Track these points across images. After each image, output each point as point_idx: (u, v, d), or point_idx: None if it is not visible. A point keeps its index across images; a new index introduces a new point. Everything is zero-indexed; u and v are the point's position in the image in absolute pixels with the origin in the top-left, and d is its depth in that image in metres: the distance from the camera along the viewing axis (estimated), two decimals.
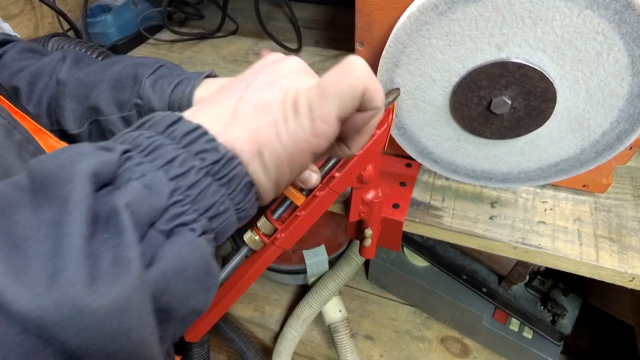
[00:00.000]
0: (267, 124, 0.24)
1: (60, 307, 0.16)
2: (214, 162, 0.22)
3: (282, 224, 0.37)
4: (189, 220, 0.21)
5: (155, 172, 0.21)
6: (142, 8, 0.80)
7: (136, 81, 0.39)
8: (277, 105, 0.24)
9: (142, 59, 0.42)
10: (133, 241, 0.18)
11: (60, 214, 0.18)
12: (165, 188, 0.21)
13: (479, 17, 0.32)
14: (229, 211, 0.23)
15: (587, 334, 0.87)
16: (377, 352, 0.88)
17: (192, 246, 0.21)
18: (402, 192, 0.48)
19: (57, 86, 0.40)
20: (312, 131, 0.24)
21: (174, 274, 0.20)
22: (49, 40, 0.45)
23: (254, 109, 0.24)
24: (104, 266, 0.17)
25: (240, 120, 0.24)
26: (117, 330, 0.17)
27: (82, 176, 0.19)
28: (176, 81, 0.38)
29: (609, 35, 0.30)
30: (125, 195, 0.19)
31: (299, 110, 0.24)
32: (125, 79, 0.39)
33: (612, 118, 0.35)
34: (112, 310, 0.17)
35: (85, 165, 0.19)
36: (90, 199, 0.19)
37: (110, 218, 0.19)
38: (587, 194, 0.47)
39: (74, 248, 0.17)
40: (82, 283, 0.17)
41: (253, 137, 0.24)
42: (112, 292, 0.17)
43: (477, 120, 0.38)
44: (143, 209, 0.20)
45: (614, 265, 0.40)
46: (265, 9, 0.87)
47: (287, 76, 0.26)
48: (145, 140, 0.22)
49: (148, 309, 0.19)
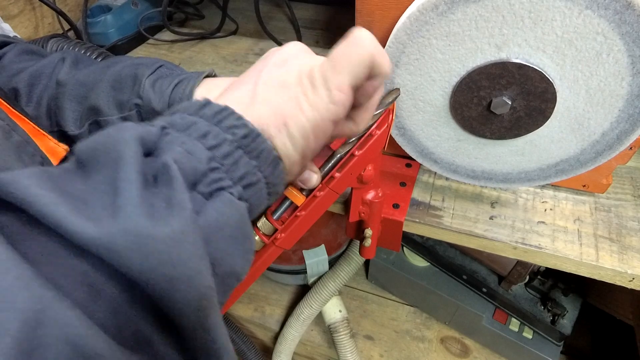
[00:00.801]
0: (287, 99, 0.26)
1: (127, 234, 0.17)
2: (244, 136, 0.24)
3: (282, 224, 0.37)
4: (226, 185, 0.23)
5: (194, 141, 0.22)
6: (142, 8, 0.80)
7: (136, 81, 0.39)
8: (294, 82, 0.26)
9: (141, 59, 0.42)
10: (183, 188, 0.20)
11: (115, 171, 0.19)
12: (204, 155, 0.22)
13: (479, 18, 0.32)
14: (260, 183, 0.25)
15: (587, 334, 0.87)
16: (377, 352, 0.88)
17: (231, 206, 0.22)
18: (402, 192, 0.48)
19: (56, 87, 0.40)
20: (330, 99, 0.26)
21: (217, 227, 0.21)
22: (48, 41, 0.45)
23: (271, 88, 0.26)
24: (159, 207, 0.19)
25: (260, 100, 0.26)
26: (177, 258, 0.18)
27: (131, 139, 0.20)
28: (176, 81, 0.38)
29: (609, 35, 0.30)
30: (172, 155, 0.21)
31: (316, 83, 0.26)
32: (124, 79, 0.39)
33: (612, 118, 0.35)
34: (172, 239, 0.18)
35: (132, 132, 0.21)
36: (141, 156, 0.20)
37: (160, 172, 0.20)
38: (587, 194, 0.47)
39: (132, 193, 0.19)
40: (144, 216, 0.18)
41: (277, 112, 0.25)
42: (171, 224, 0.18)
43: (477, 120, 0.38)
44: (188, 168, 0.21)
45: (614, 265, 0.40)
46: (265, 9, 0.87)
47: (294, 58, 0.28)
48: (179, 120, 0.23)
49: (201, 245, 0.20)
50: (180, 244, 0.19)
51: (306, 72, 0.27)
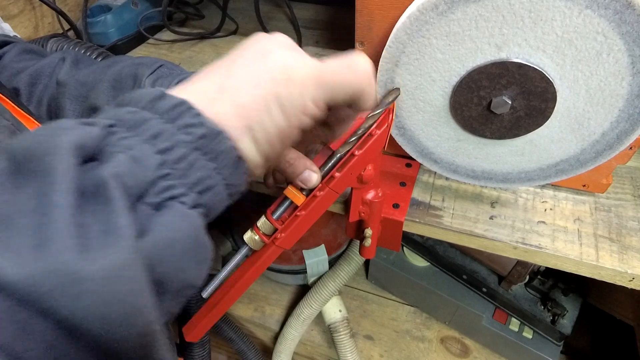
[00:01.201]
0: (256, 99, 0.24)
1: (51, 274, 0.15)
2: (201, 136, 0.22)
3: (282, 224, 0.37)
4: (178, 193, 0.21)
5: (141, 145, 0.20)
6: (142, 8, 0.80)
7: (136, 81, 0.39)
8: (267, 81, 0.24)
9: (142, 59, 0.42)
10: (123, 210, 0.18)
11: (44, 187, 0.17)
12: (152, 161, 0.20)
13: (479, 17, 0.32)
14: (218, 186, 0.23)
15: (587, 334, 0.87)
16: (377, 352, 0.88)
17: (182, 218, 0.20)
18: (402, 192, 0.48)
19: (56, 87, 0.40)
20: (303, 110, 0.24)
21: (165, 245, 0.19)
22: (48, 40, 0.45)
23: (242, 84, 0.24)
24: (94, 235, 0.17)
25: (227, 95, 0.23)
26: (113, 297, 0.16)
27: (65, 148, 0.18)
28: (176, 81, 0.38)
29: (609, 35, 0.30)
30: (112, 166, 0.19)
31: (291, 88, 0.24)
32: (125, 79, 0.39)
33: (612, 118, 0.35)
34: (106, 276, 0.16)
35: (68, 138, 0.18)
36: (75, 171, 0.18)
37: (98, 189, 0.18)
38: (587, 194, 0.47)
39: (62, 218, 0.16)
40: (73, 250, 0.16)
41: (242, 113, 0.23)
42: (105, 258, 0.16)
43: (477, 120, 0.38)
44: (131, 180, 0.19)
45: (614, 265, 0.40)
46: (265, 9, 0.87)
47: (275, 51, 0.26)
48: (128, 115, 0.21)
49: (142, 277, 0.18)
50: (115, 281, 0.17)
51: (282, 71, 0.24)
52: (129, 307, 0.17)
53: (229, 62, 0.26)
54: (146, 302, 0.18)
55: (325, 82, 0.24)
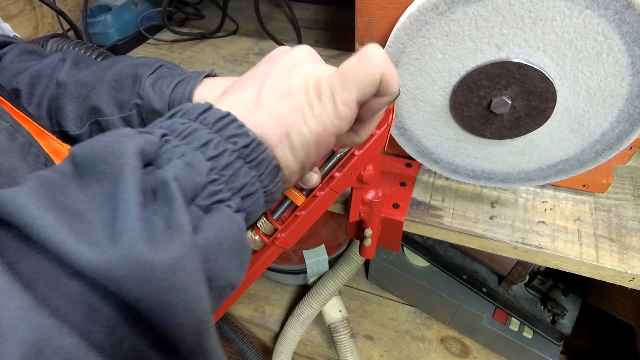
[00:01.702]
0: (292, 109, 0.25)
1: (126, 261, 0.17)
2: (245, 145, 0.23)
3: (282, 224, 0.37)
4: (224, 197, 0.22)
5: (194, 152, 0.22)
6: (142, 8, 0.80)
7: (136, 81, 0.39)
8: (300, 91, 0.26)
9: (141, 59, 0.42)
10: (183, 208, 0.20)
11: (114, 186, 0.19)
12: (204, 167, 0.22)
13: (479, 17, 0.32)
14: (258, 192, 0.24)
15: (587, 334, 0.87)
16: (377, 352, 0.88)
17: (229, 220, 0.22)
18: (402, 192, 0.48)
19: (57, 87, 0.40)
20: (335, 114, 0.26)
21: (214, 244, 0.21)
22: (48, 41, 0.45)
23: (277, 95, 0.26)
24: (159, 229, 0.19)
25: (264, 106, 0.25)
26: (176, 284, 0.18)
27: (132, 152, 0.20)
28: (176, 81, 0.38)
29: (609, 35, 0.30)
30: (172, 170, 0.21)
31: (322, 95, 0.26)
32: (125, 79, 0.39)
33: (612, 118, 0.35)
34: (171, 265, 0.18)
35: (133, 143, 0.20)
36: (141, 172, 0.20)
37: (160, 189, 0.20)
38: (587, 194, 0.47)
39: (132, 213, 0.18)
40: (143, 242, 0.18)
41: (280, 122, 0.25)
42: (170, 249, 0.18)
43: (477, 120, 0.38)
44: (187, 183, 0.21)
45: (614, 265, 0.40)
46: (265, 9, 0.87)
47: (302, 64, 0.27)
48: (180, 126, 0.23)
49: (200, 268, 0.20)
50: (179, 271, 0.18)
51: (313, 82, 0.26)
52: (189, 295, 0.19)
53: (261, 74, 0.27)
54: (203, 293, 0.20)
55: (349, 81, 0.25)
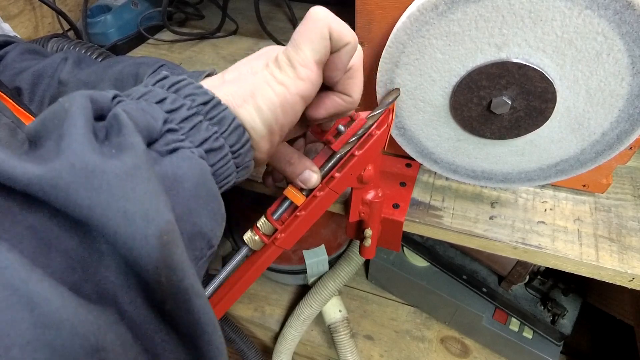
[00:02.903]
0: (256, 82, 0.26)
1: (73, 168, 0.16)
2: (203, 103, 0.23)
3: (282, 224, 0.37)
4: (185, 145, 0.22)
5: (149, 104, 0.22)
6: (142, 8, 0.80)
7: (137, 80, 0.39)
8: (262, 69, 0.27)
9: (143, 59, 0.42)
10: (134, 132, 0.19)
11: (62, 120, 0.18)
12: (160, 115, 0.22)
13: (478, 17, 0.32)
14: (224, 149, 0.24)
15: (587, 334, 0.87)
16: (377, 352, 0.88)
17: (190, 161, 0.22)
18: (402, 192, 0.48)
19: (58, 86, 0.41)
20: (296, 75, 0.26)
21: (173, 179, 0.20)
22: (49, 41, 0.45)
23: (239, 74, 0.27)
24: (109, 145, 0.18)
25: (228, 83, 0.26)
26: (131, 192, 0.17)
27: (80, 97, 0.19)
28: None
29: (609, 35, 0.30)
30: (123, 106, 0.20)
31: (281, 64, 0.27)
32: (126, 79, 0.39)
33: (612, 118, 0.35)
34: (124, 172, 0.17)
35: (82, 93, 0.20)
36: (90, 110, 0.19)
37: (111, 122, 0.19)
38: (587, 194, 0.47)
39: (78, 133, 0.18)
40: (92, 152, 0.17)
41: (244, 87, 0.26)
42: (122, 159, 0.17)
43: (477, 120, 0.38)
44: (140, 120, 0.20)
45: (614, 265, 0.40)
46: (265, 9, 0.87)
47: (268, 51, 0.29)
48: (135, 90, 0.23)
49: (157, 184, 0.19)
50: (133, 178, 0.17)
51: (272, 57, 0.28)
52: (147, 204, 0.17)
53: (232, 66, 0.29)
54: (163, 204, 0.18)
55: (300, 43, 0.26)
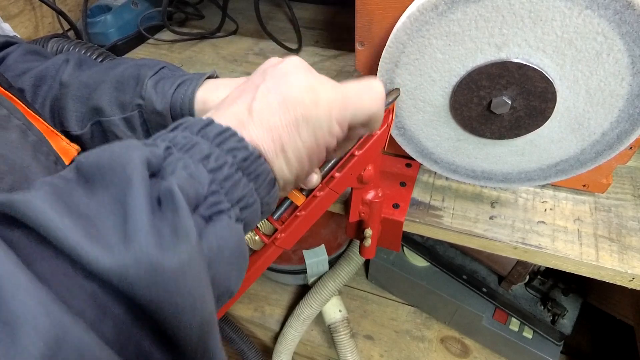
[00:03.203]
0: (286, 123, 0.26)
1: (138, 264, 0.18)
2: (244, 159, 0.24)
3: (282, 224, 0.37)
4: (225, 208, 0.23)
5: (196, 164, 0.23)
6: (142, 8, 0.80)
7: (138, 82, 0.39)
8: (296, 103, 0.26)
9: (144, 61, 0.42)
10: (188, 215, 0.21)
11: (123, 193, 0.20)
12: (205, 178, 0.23)
13: (478, 17, 0.32)
14: (256, 204, 0.25)
15: (587, 334, 0.87)
16: (377, 352, 0.88)
17: (229, 229, 0.23)
18: (402, 192, 0.48)
19: (60, 88, 0.41)
20: (329, 130, 0.27)
21: (216, 251, 0.22)
22: (49, 41, 0.45)
23: (268, 107, 0.26)
24: (167, 235, 0.20)
25: (256, 118, 0.26)
26: (184, 287, 0.19)
27: (138, 161, 0.21)
28: (178, 82, 0.38)
29: (609, 35, 0.30)
30: (176, 180, 0.22)
31: (320, 111, 0.26)
32: (127, 80, 0.40)
33: (612, 118, 0.35)
34: (179, 268, 0.19)
35: (139, 153, 0.21)
36: (148, 181, 0.21)
37: (166, 198, 0.21)
38: (587, 194, 0.47)
39: (142, 218, 0.19)
40: (154, 245, 0.19)
41: (275, 137, 0.26)
42: (178, 253, 0.19)
43: (477, 120, 0.38)
44: (190, 192, 0.22)
45: (614, 265, 0.40)
46: (265, 9, 0.87)
47: (291, 74, 0.28)
48: (182, 139, 0.24)
49: (205, 272, 0.21)
50: (186, 274, 0.19)
51: (311, 95, 0.26)
52: (195, 297, 0.20)
53: (252, 85, 0.28)
54: (208, 295, 0.21)
55: (349, 105, 0.27)
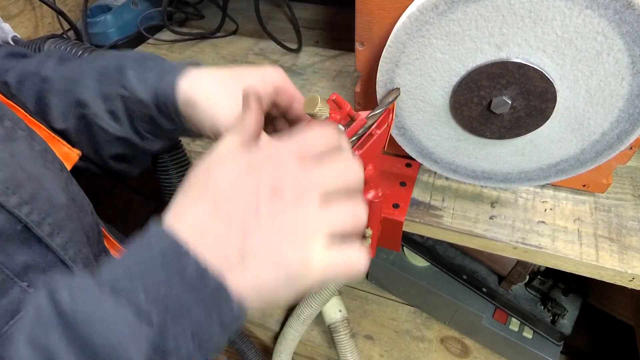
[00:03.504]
0: (275, 279, 0.23)
1: None
2: (229, 318, 0.23)
3: None
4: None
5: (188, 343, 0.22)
6: (142, 8, 0.80)
7: (121, 73, 0.39)
8: (291, 266, 0.23)
9: (127, 53, 0.42)
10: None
11: None
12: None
13: (479, 17, 0.32)
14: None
15: (587, 334, 0.87)
16: (377, 352, 0.88)
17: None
18: (402, 192, 0.48)
19: (42, 83, 0.41)
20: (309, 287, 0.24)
21: None
22: (45, 42, 0.44)
23: (263, 258, 0.23)
24: None
25: (248, 269, 0.22)
26: None
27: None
28: (161, 71, 0.38)
29: (609, 35, 0.30)
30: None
31: (308, 278, 0.23)
32: (110, 72, 0.39)
33: (612, 118, 0.35)
34: None
35: (138, 349, 0.20)
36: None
37: None
38: (587, 194, 0.47)
39: None
40: None
41: (262, 296, 0.23)
42: None
43: (477, 120, 0.38)
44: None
45: (614, 265, 0.40)
46: (265, 9, 0.87)
47: (301, 216, 0.23)
48: (174, 305, 0.22)
49: None
50: None
51: (314, 266, 0.24)
52: None
53: (244, 210, 0.23)
54: None
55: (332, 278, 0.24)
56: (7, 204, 0.28)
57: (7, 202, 0.28)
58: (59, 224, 0.31)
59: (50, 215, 0.30)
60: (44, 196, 0.31)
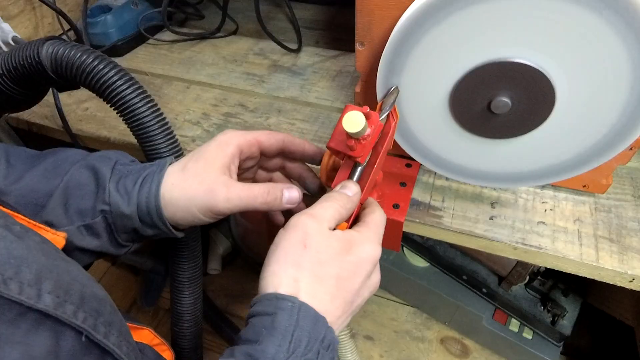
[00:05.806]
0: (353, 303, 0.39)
1: None
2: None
3: None
4: None
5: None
6: (142, 8, 0.80)
7: (99, 187, 0.36)
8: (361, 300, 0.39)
9: (90, 156, 0.38)
10: None
11: None
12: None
13: (479, 17, 0.32)
14: None
15: (587, 334, 0.87)
16: (377, 352, 0.88)
17: None
18: (402, 192, 0.48)
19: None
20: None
21: None
22: (43, 44, 0.44)
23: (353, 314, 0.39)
24: None
25: (343, 315, 0.37)
26: None
27: None
28: (139, 179, 0.36)
29: (609, 36, 0.30)
30: None
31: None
32: (83, 186, 0.36)
33: (612, 118, 0.35)
34: None
35: None
36: None
37: None
38: (587, 194, 0.47)
39: None
40: None
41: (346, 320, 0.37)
42: None
43: (477, 120, 0.38)
44: None
45: (614, 265, 0.40)
46: (265, 9, 0.87)
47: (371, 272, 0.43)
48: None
49: None
50: None
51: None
52: None
53: (351, 289, 0.39)
54: None
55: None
56: (65, 317, 0.24)
57: (65, 313, 0.24)
58: (108, 320, 0.28)
59: (101, 315, 0.27)
60: (88, 293, 0.27)
